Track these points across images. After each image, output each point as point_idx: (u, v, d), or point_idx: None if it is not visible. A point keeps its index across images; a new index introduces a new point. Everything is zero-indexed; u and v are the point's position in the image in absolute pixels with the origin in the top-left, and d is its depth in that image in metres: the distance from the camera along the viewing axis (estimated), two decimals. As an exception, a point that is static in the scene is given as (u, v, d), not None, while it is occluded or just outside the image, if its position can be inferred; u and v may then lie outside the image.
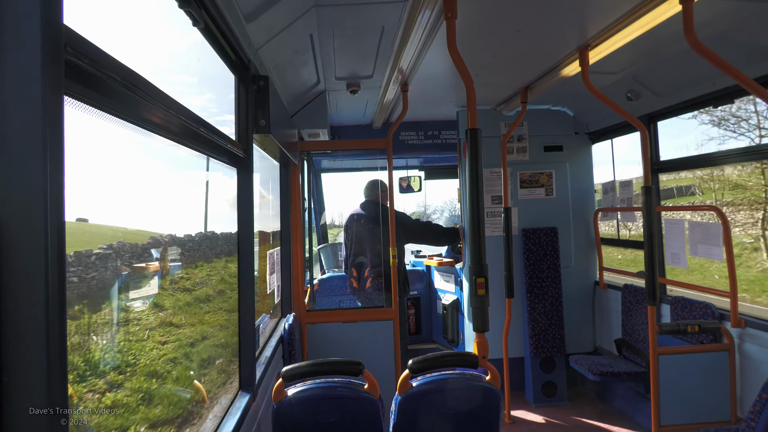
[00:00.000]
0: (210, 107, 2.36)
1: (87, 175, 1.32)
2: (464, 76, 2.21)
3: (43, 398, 0.69)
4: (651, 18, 2.37)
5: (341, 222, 6.42)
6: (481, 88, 3.86)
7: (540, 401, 4.44)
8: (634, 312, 4.10)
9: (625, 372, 3.80)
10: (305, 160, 4.38)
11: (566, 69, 3.25)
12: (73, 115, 0.88)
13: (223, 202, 2.43)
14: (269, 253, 3.27)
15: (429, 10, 2.26)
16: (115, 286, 1.66)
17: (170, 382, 2.04)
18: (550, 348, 4.49)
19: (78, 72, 0.87)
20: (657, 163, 3.93)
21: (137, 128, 1.22)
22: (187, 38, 1.73)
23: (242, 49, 2.07)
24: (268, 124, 2.37)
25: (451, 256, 5.83)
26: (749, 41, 2.74)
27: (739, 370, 3.10)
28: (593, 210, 4.81)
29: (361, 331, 3.78)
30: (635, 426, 3.90)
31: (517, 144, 4.76)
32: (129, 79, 1.02)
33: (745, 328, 3.04)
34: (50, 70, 0.71)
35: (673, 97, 3.55)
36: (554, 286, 4.56)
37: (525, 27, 2.72)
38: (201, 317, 2.51)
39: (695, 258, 3.45)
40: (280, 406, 1.98)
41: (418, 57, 2.87)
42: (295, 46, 2.75)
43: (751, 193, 16.00)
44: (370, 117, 4.91)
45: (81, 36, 0.84)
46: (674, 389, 3.09)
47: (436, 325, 5.85)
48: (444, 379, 2.03)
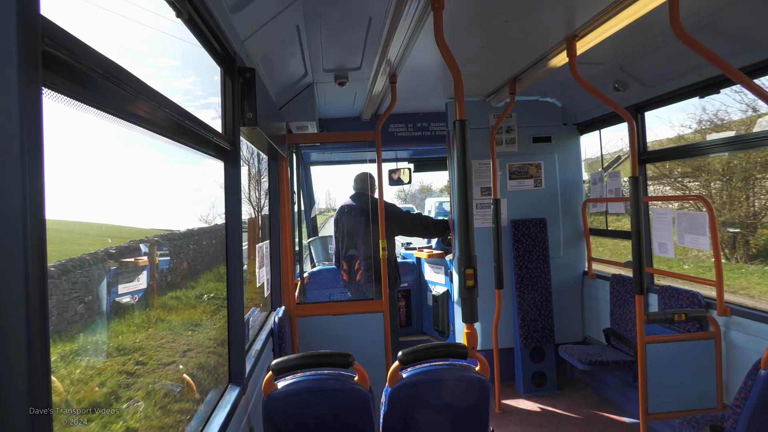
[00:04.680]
0: (195, 90, 2.32)
1: (75, 171, 1.30)
2: (452, 68, 2.20)
3: (26, 398, 0.68)
4: (638, 8, 2.38)
5: (330, 206, 6.40)
6: (470, 79, 3.85)
7: (530, 391, 4.48)
8: (622, 302, 4.14)
9: (613, 361, 3.84)
10: (294, 153, 4.35)
11: (554, 60, 3.25)
12: (55, 108, 0.86)
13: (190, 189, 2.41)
14: (258, 247, 3.26)
15: (416, 1, 2.24)
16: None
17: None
18: (539, 338, 4.53)
19: (57, 63, 0.85)
20: (644, 153, 3.95)
21: (121, 121, 1.20)
22: (172, 28, 1.70)
23: (228, 41, 2.04)
24: (255, 117, 2.35)
25: (440, 248, 5.85)
26: (735, 31, 2.75)
27: (725, 357, 3.14)
28: (582, 201, 4.84)
29: (352, 324, 3.78)
30: (624, 414, 3.95)
31: (506, 135, 4.77)
32: (110, 71, 1.00)
33: (731, 317, 3.09)
34: (27, 62, 0.69)
35: (660, 87, 3.57)
36: (543, 276, 4.59)
37: (512, 17, 2.71)
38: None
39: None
40: (270, 399, 1.98)
41: (405, 48, 2.85)
42: (281, 38, 2.72)
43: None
44: (359, 109, 4.89)
45: (59, 26, 0.82)
46: (662, 377, 3.13)
47: (427, 316, 5.88)
48: (434, 370, 2.04)
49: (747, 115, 10.26)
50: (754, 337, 2.93)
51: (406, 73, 3.49)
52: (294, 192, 4.36)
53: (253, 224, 3.77)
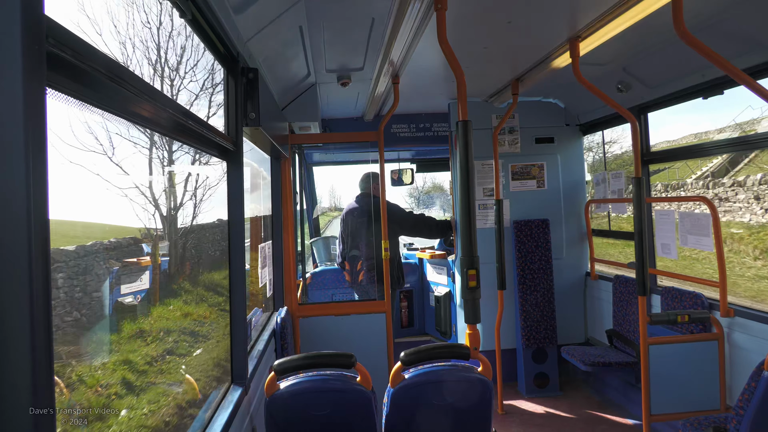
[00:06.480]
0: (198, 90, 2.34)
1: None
2: (455, 68, 2.20)
3: (29, 399, 0.68)
4: (641, 9, 2.37)
5: (333, 205, 6.40)
6: (472, 80, 3.85)
7: (532, 392, 4.47)
8: (625, 303, 4.13)
9: (616, 362, 3.83)
10: (296, 153, 4.36)
11: (557, 60, 3.25)
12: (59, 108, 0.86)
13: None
14: (261, 247, 3.26)
15: (419, 2, 2.24)
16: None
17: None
18: (542, 339, 4.52)
19: (61, 63, 0.85)
20: (647, 154, 3.94)
21: (124, 121, 1.20)
22: (175, 28, 1.70)
23: (231, 42, 2.04)
24: (257, 117, 2.35)
25: (443, 248, 5.84)
26: (738, 32, 2.74)
27: (728, 359, 3.13)
28: (584, 201, 4.83)
29: (354, 324, 3.78)
30: (626, 415, 3.94)
31: (509, 136, 4.76)
32: (114, 71, 1.00)
33: (734, 318, 3.07)
34: (31, 62, 0.69)
35: (663, 88, 3.56)
36: (546, 277, 4.58)
37: (515, 18, 2.71)
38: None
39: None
40: (272, 399, 1.98)
41: (408, 49, 2.85)
42: (284, 39, 2.72)
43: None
44: (362, 110, 4.89)
45: (63, 27, 0.82)
46: (664, 379, 3.12)
47: (429, 317, 5.87)
48: (436, 371, 2.04)
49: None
50: (758, 338, 2.92)
51: (409, 74, 3.49)
52: (296, 192, 4.36)
53: (256, 224, 3.78)
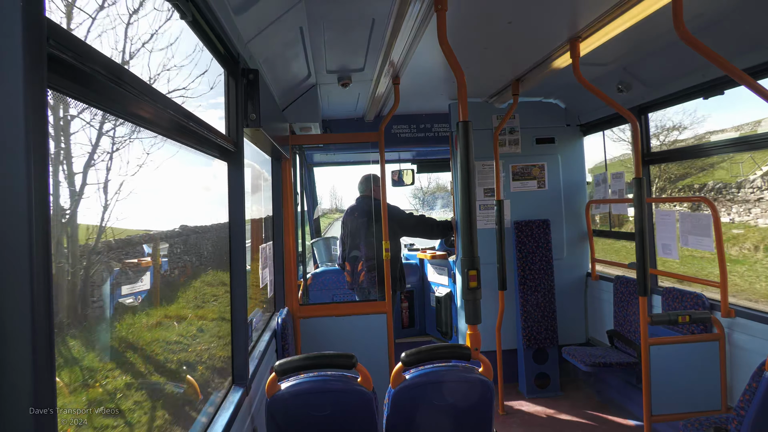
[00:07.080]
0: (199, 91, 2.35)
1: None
2: (455, 69, 2.20)
3: (30, 398, 0.68)
4: (641, 9, 2.37)
5: (334, 206, 6.40)
6: (473, 80, 3.85)
7: (533, 392, 4.47)
8: (625, 303, 4.13)
9: (617, 362, 3.83)
10: (297, 154, 4.36)
11: (557, 61, 3.25)
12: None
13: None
14: (261, 248, 3.26)
15: (419, 2, 2.24)
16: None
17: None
18: (542, 340, 4.52)
19: (62, 65, 0.85)
20: (648, 154, 3.94)
21: (125, 122, 1.21)
22: (176, 30, 1.71)
23: (231, 43, 2.05)
24: (258, 118, 2.36)
25: (444, 249, 5.84)
26: (738, 32, 2.74)
27: (729, 359, 3.13)
28: (585, 202, 4.83)
29: (355, 325, 3.78)
30: (627, 416, 3.94)
31: (509, 136, 4.76)
32: (114, 73, 1.01)
33: (735, 318, 3.07)
34: (32, 64, 0.69)
35: (663, 88, 3.56)
36: (547, 278, 4.58)
37: (516, 19, 2.71)
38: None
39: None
40: (273, 400, 1.98)
41: (409, 50, 2.86)
42: (284, 40, 2.73)
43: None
44: (362, 110, 4.89)
45: (64, 29, 0.83)
46: (665, 379, 3.12)
47: (430, 318, 5.87)
48: (437, 371, 2.04)
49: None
50: (759, 338, 2.91)
51: (410, 75, 3.49)
52: (297, 193, 4.37)
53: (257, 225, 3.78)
